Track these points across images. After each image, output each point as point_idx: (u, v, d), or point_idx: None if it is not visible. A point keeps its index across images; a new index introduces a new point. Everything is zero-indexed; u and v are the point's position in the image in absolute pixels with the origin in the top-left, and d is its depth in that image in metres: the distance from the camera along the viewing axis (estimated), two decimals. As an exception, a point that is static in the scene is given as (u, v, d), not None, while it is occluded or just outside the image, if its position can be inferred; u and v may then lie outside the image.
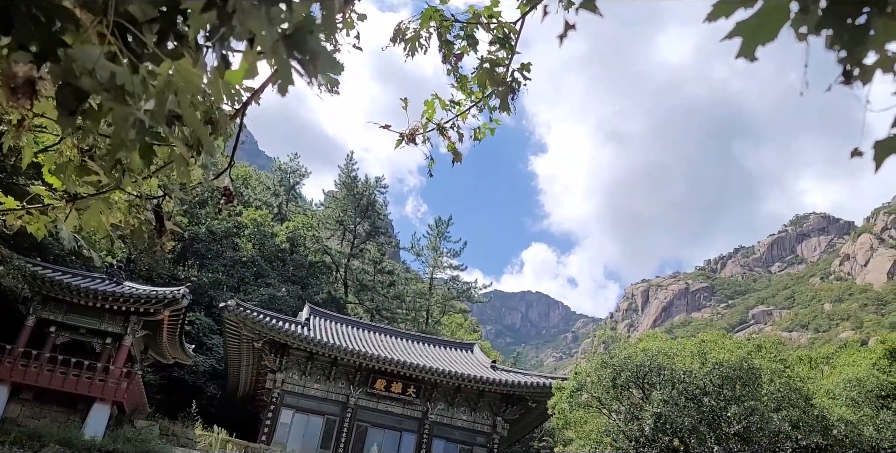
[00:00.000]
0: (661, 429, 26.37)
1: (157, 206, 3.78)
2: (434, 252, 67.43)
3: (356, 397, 34.72)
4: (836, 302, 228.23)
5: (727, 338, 37.00)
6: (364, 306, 61.60)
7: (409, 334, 44.24)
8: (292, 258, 54.86)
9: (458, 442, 35.81)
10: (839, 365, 36.56)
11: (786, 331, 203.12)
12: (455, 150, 4.28)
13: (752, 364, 27.45)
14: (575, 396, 29.71)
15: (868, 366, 32.85)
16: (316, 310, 40.45)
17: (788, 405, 26.76)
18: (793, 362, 36.91)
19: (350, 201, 62.53)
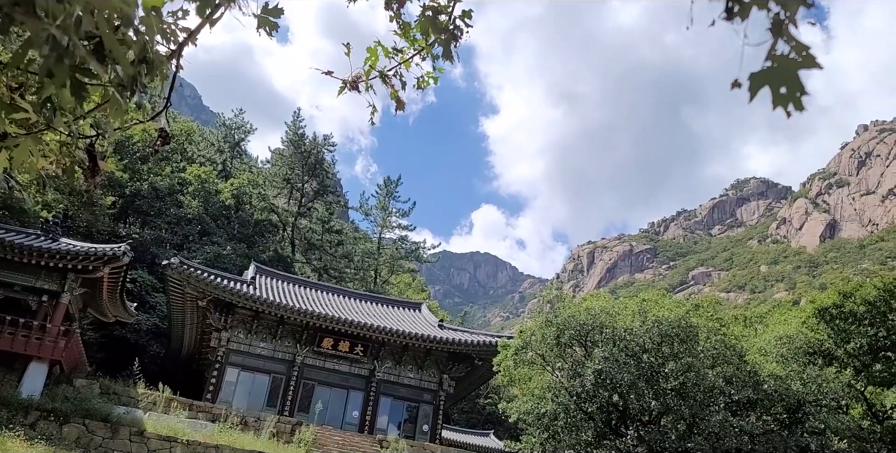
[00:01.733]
0: (601, 385, 27.19)
1: (89, 146, 3.69)
2: (383, 211, 67.15)
3: (303, 356, 34.74)
4: (772, 264, 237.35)
5: (667, 297, 38.11)
6: (312, 265, 61.20)
7: (357, 293, 44.26)
8: (238, 216, 53.89)
9: (405, 399, 36.32)
10: (771, 324, 38.11)
11: (724, 292, 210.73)
12: (398, 99, 4.16)
13: (689, 322, 28.35)
14: (520, 354, 30.31)
15: (798, 325, 34.35)
16: (262, 269, 40.00)
17: (723, 361, 27.86)
18: (728, 321, 38.30)
19: (297, 159, 61.43)
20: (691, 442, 25.95)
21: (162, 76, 3.26)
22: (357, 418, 34.71)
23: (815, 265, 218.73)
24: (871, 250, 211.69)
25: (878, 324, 32.92)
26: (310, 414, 32.77)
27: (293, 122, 63.99)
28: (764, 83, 2.16)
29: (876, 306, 33.36)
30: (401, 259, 67.84)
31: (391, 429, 34.76)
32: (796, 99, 2.15)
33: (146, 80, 3.21)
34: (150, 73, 3.18)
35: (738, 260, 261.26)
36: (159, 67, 3.18)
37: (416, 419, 36.15)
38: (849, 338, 33.28)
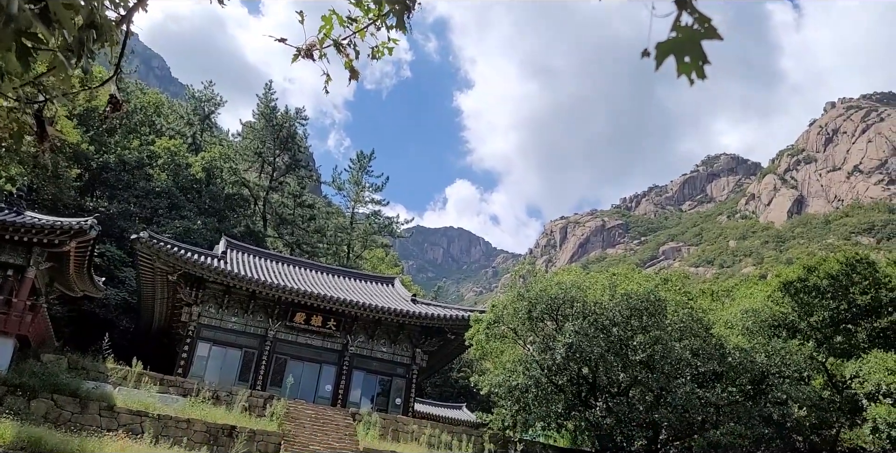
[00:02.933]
0: (572, 358, 27.62)
1: (38, 111, 3.65)
2: (356, 186, 66.77)
3: (275, 330, 34.68)
4: (741, 239, 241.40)
5: (637, 272, 38.67)
6: (284, 240, 60.82)
7: (330, 268, 44.14)
8: (208, 190, 53.17)
9: (378, 373, 36.53)
10: (738, 298, 38.88)
11: (693, 267, 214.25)
12: (352, 68, 4.12)
13: (658, 296, 28.82)
14: (492, 328, 30.61)
15: (763, 298, 35.10)
16: (233, 244, 39.65)
17: (690, 334, 28.42)
18: (696, 295, 39.05)
19: (269, 132, 60.60)
20: (658, 413, 26.55)
21: (112, 42, 3.21)
22: (330, 392, 34.87)
23: (783, 240, 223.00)
24: (836, 225, 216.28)
25: (840, 298, 33.79)
26: (282, 389, 32.84)
27: (265, 95, 63.01)
28: (669, 52, 2.26)
29: (838, 280, 34.20)
30: (374, 234, 67.70)
31: (364, 403, 35.01)
32: (699, 67, 2.26)
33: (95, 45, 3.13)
34: (98, 39, 3.12)
35: (708, 235, 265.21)
36: (108, 33, 3.11)
37: (389, 392, 36.43)
38: (812, 311, 34.13)
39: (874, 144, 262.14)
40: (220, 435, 23.49)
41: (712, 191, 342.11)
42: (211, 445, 22.42)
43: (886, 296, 33.09)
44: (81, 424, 21.13)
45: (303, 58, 3.95)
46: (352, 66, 4.09)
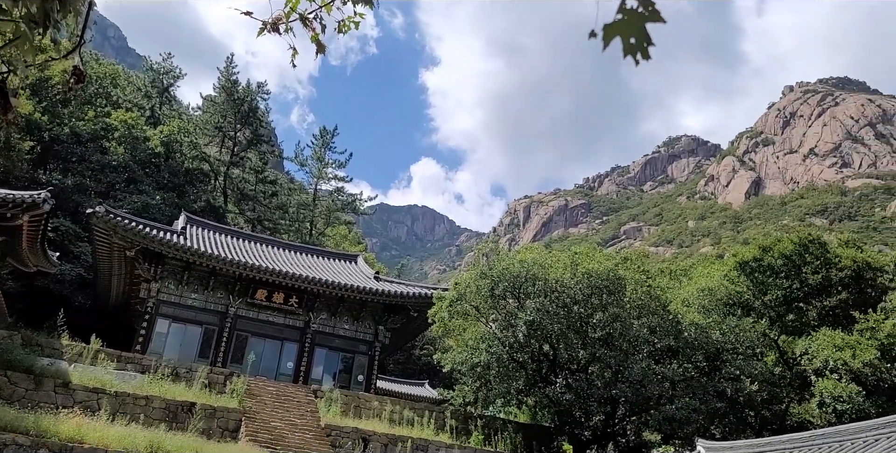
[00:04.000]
0: (533, 335, 27.97)
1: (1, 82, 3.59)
2: (319, 162, 65.99)
3: (236, 307, 34.36)
4: (700, 219, 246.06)
5: (598, 250, 39.19)
6: (245, 216, 60.02)
7: (292, 245, 43.77)
8: (167, 164, 52.07)
9: (341, 350, 36.53)
10: (695, 277, 39.66)
11: (653, 246, 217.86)
12: (318, 42, 4.06)
13: (618, 274, 29.26)
14: (455, 306, 30.77)
15: (720, 277, 35.87)
16: (193, 219, 39.00)
17: (648, 312, 28.98)
18: (655, 274, 39.79)
19: (230, 106, 59.34)
20: (616, 389, 27.11)
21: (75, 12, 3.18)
22: (291, 369, 34.79)
23: (740, 221, 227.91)
24: (792, 207, 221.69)
25: (793, 277, 34.71)
26: (243, 366, 32.65)
27: (226, 68, 61.58)
28: (616, 34, 2.37)
29: (792, 260, 35.10)
30: (337, 211, 67.20)
31: (326, 380, 35.03)
32: (643, 48, 2.37)
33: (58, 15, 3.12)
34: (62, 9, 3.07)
35: (668, 215, 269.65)
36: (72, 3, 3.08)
37: (352, 370, 36.49)
38: (766, 290, 35.02)
39: (829, 128, 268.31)
40: (180, 411, 23.32)
41: (673, 172, 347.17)
42: (170, 422, 22.24)
43: (836, 275, 34.08)
44: (36, 401, 20.74)
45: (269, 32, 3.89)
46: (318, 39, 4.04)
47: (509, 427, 30.83)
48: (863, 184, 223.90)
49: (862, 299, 33.30)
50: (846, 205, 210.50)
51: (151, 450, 17.85)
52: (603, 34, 2.37)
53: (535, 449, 29.55)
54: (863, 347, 28.44)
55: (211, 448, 19.37)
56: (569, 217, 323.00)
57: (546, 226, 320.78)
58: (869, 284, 34.13)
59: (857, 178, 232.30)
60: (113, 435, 17.95)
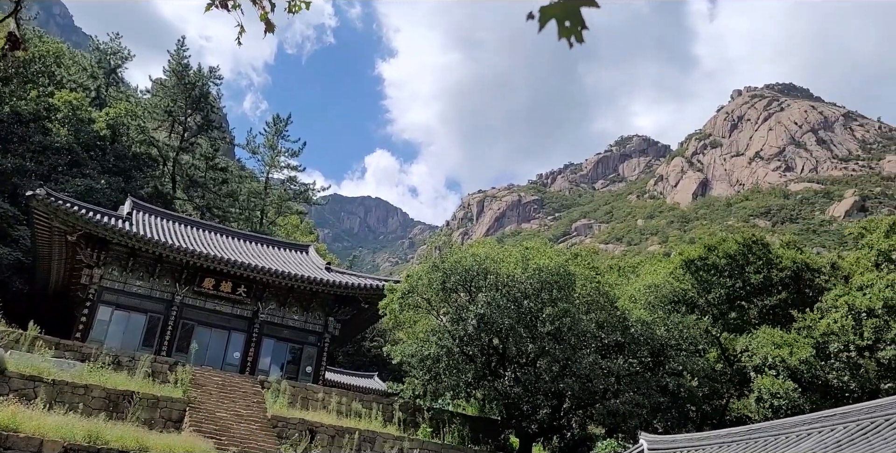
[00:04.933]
0: (483, 329, 28.11)
1: None
2: (271, 150, 64.87)
3: (182, 295, 33.61)
4: (648, 218, 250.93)
5: (549, 246, 39.59)
6: (194, 203, 58.73)
7: (242, 233, 43.03)
8: (113, 148, 50.53)
9: (289, 340, 36.10)
10: (643, 274, 40.42)
11: (603, 243, 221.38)
12: (268, 21, 3.96)
13: (568, 270, 29.59)
14: (406, 298, 30.69)
15: (666, 275, 36.62)
16: (139, 205, 37.96)
17: (597, 308, 29.42)
18: (604, 270, 40.40)
19: (180, 90, 57.83)
20: (563, 382, 27.47)
21: None
22: (238, 359, 34.24)
23: (687, 220, 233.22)
24: (737, 208, 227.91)
25: (736, 276, 35.70)
26: (189, 355, 31.96)
27: (177, 51, 59.94)
28: (552, 16, 2.43)
29: (735, 260, 36.08)
30: (289, 200, 66.28)
31: (273, 371, 34.57)
32: (577, 32, 2.45)
33: None
34: None
35: (618, 213, 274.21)
36: None
37: (300, 361, 36.11)
38: (710, 288, 35.93)
39: (774, 132, 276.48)
40: (121, 401, 22.73)
41: (624, 171, 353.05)
42: (110, 412, 21.66)
43: (777, 275, 35.17)
44: (-33, 390, 19.95)
45: (217, 7, 3.76)
46: (267, 18, 3.93)
47: (457, 419, 30.97)
48: (804, 188, 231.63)
49: (800, 299, 34.45)
50: (788, 207, 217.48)
51: (90, 440, 17.36)
52: (539, 16, 2.43)
53: (482, 442, 29.78)
54: (799, 345, 29.45)
55: (153, 438, 18.92)
56: (522, 212, 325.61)
57: (499, 220, 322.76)
58: (807, 285, 35.34)
59: (799, 182, 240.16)
60: (50, 425, 17.39)
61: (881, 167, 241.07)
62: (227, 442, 21.74)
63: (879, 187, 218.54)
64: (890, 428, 12.02)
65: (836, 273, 35.86)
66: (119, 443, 17.82)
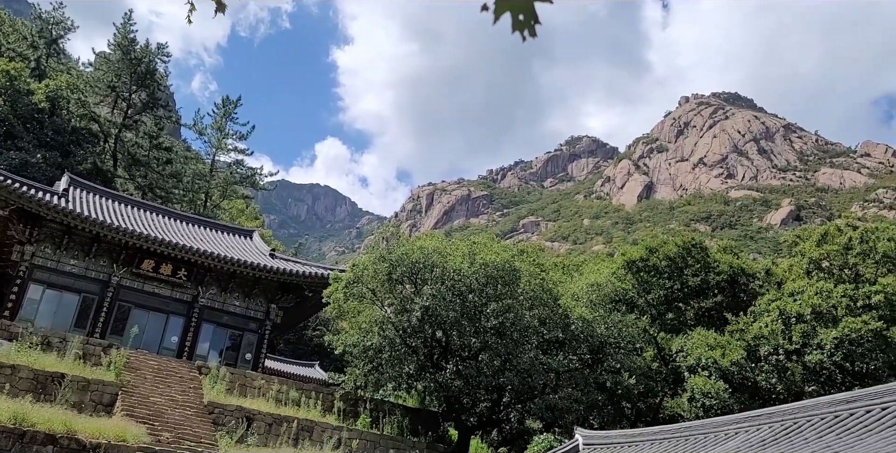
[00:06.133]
0: (427, 321, 28.13)
1: None
2: (219, 132, 63.34)
3: (119, 276, 32.63)
4: (594, 218, 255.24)
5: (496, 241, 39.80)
6: (135, 182, 57.02)
7: (185, 216, 41.99)
8: (52, 121, 48.61)
9: (230, 326, 35.45)
10: (586, 273, 41.08)
11: (549, 241, 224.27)
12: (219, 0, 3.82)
13: (514, 266, 29.81)
14: (351, 288, 30.46)
15: (608, 274, 37.31)
16: (77, 181, 36.64)
17: (540, 304, 29.75)
18: (549, 267, 40.88)
19: (125, 65, 55.89)
20: (504, 377, 27.74)
21: None
22: (176, 343, 33.46)
23: (631, 222, 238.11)
24: (679, 212, 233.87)
25: (675, 278, 36.62)
26: (124, 338, 31.04)
27: (123, 25, 57.87)
28: (506, 9, 2.46)
29: (675, 262, 37.00)
30: (235, 184, 64.91)
31: (212, 356, 33.92)
32: (531, 26, 2.48)
33: None
34: None
35: (565, 212, 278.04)
36: None
37: (240, 347, 35.52)
38: (650, 288, 36.78)
39: (718, 140, 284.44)
40: (49, 383, 21.96)
41: (573, 170, 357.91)
42: (38, 393, 20.90)
43: (714, 279, 36.22)
44: None
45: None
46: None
47: (398, 411, 30.98)
48: (744, 195, 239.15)
49: (735, 302, 35.56)
50: (728, 214, 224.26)
51: (15, 422, 16.72)
52: (494, 8, 2.46)
53: (421, 434, 29.86)
54: (732, 347, 30.42)
55: (82, 422, 18.34)
56: (471, 207, 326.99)
57: (448, 214, 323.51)
58: (742, 289, 36.50)
59: (739, 189, 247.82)
60: (-29, 406, 16.68)
61: (816, 178, 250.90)
62: (161, 427, 21.24)
63: (814, 198, 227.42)
64: (811, 429, 12.52)
65: (769, 279, 37.13)
66: (46, 426, 17.22)
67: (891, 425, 10.37)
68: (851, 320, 28.21)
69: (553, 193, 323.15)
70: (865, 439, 10.17)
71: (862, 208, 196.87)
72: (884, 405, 11.28)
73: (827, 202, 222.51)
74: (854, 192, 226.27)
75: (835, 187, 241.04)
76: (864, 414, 11.48)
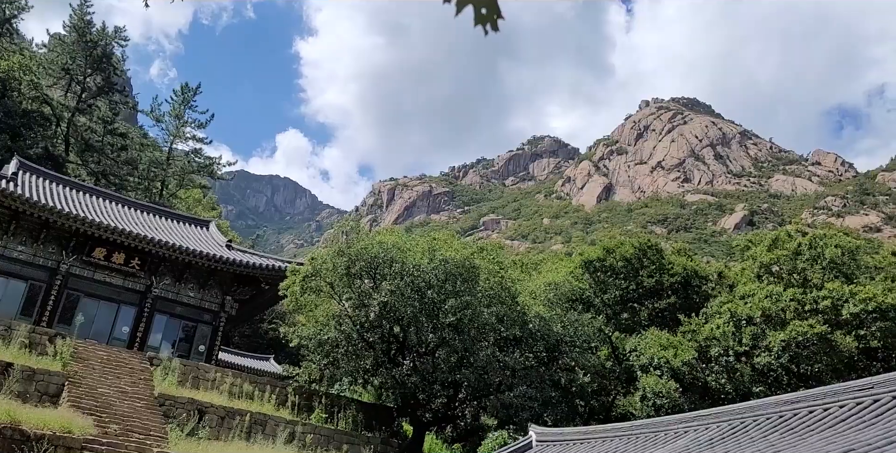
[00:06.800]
0: (385, 316, 28.07)
1: None
2: (177, 120, 62.02)
3: (69, 264, 31.75)
4: (554, 218, 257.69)
5: (456, 238, 39.91)
6: (88, 168, 55.53)
7: (139, 204, 41.08)
8: (2, 103, 47.03)
9: (183, 318, 34.81)
10: (544, 271, 41.44)
11: (509, 239, 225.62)
12: None
13: (473, 263, 29.92)
14: (309, 281, 30.21)
15: (566, 274, 37.71)
16: (27, 165, 35.53)
17: (498, 301, 29.91)
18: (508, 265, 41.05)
19: (81, 48, 54.33)
20: (460, 374, 27.83)
21: None
22: (127, 334, 32.73)
23: (590, 223, 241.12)
24: (637, 214, 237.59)
25: (631, 279, 37.22)
26: (72, 327, 30.20)
27: (80, 6, 56.29)
28: (468, 2, 2.48)
29: (631, 263, 37.60)
30: (192, 173, 63.67)
31: (164, 348, 33.27)
32: (493, 20, 2.50)
33: None
34: None
35: (526, 211, 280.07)
36: None
37: (193, 339, 34.91)
38: (606, 288, 37.32)
39: (676, 144, 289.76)
40: (-8, 373, 21.27)
41: (534, 170, 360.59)
42: (-21, 384, 20.23)
43: (668, 280, 36.92)
44: None
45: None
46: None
47: (353, 406, 30.83)
48: (700, 200, 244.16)
49: (688, 304, 36.30)
50: (683, 217, 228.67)
51: (-46, 414, 16.17)
52: (456, 1, 2.47)
53: (376, 429, 29.78)
54: (684, 348, 31.06)
55: (26, 412, 17.81)
56: (432, 203, 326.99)
57: (409, 210, 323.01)
58: (695, 291, 37.28)
59: (695, 194, 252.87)
60: None
61: (769, 185, 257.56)
62: (108, 419, 20.75)
63: (767, 203, 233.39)
64: (756, 428, 12.85)
65: (722, 281, 38.00)
66: (-13, 417, 16.69)
67: (831, 425, 10.71)
68: (798, 324, 29.05)
69: (514, 192, 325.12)
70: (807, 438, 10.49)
71: (812, 215, 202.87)
72: (825, 406, 11.64)
73: (779, 208, 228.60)
74: (805, 199, 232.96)
75: (787, 194, 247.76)
76: (806, 414, 11.83)
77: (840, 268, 32.90)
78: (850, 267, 33.38)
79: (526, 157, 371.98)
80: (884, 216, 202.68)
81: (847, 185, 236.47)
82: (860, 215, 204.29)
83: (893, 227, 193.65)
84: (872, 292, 29.68)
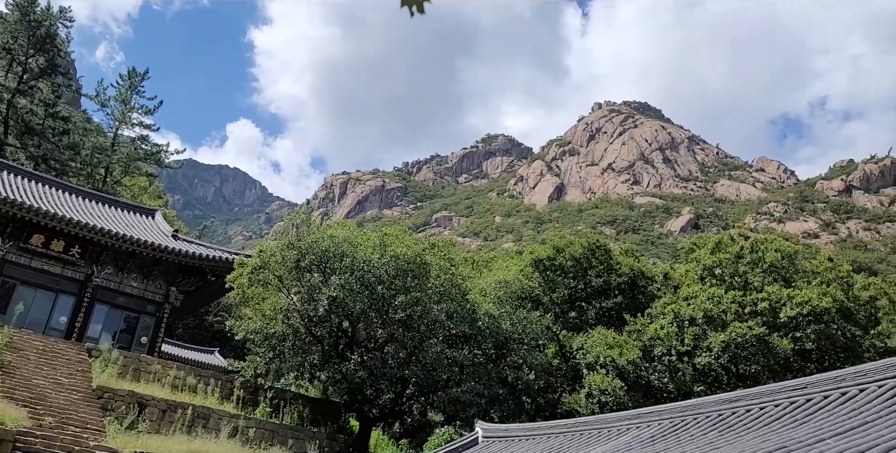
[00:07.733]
0: (334, 311, 27.83)
1: None
2: (123, 105, 60.11)
3: (5, 251, 30.53)
4: (506, 216, 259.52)
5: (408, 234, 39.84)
6: (28, 152, 53.47)
7: (82, 190, 39.76)
8: (-62, 80, 44.93)
9: (125, 308, 33.88)
10: (495, 269, 41.74)
11: (461, 237, 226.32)
12: None
13: (424, 260, 29.90)
14: (257, 273, 29.75)
15: (516, 272, 38.05)
16: (-36, 147, 34.04)
17: (448, 298, 29.96)
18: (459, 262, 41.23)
19: (23, 27, 52.23)
20: (409, 370, 27.80)
21: None
22: (65, 324, 31.68)
23: (541, 222, 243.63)
24: (587, 214, 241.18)
25: (579, 278, 37.77)
26: (7, 316, 29.10)
27: (26, -17, 54.10)
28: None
29: (580, 263, 38.15)
30: (138, 160, 61.85)
31: (105, 339, 32.30)
32: (420, 3, 2.58)
33: None
34: None
35: (478, 209, 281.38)
36: None
37: (135, 330, 34.00)
38: (555, 287, 37.77)
39: (627, 147, 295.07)
40: (-82, 363, 20.33)
41: (487, 168, 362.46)
42: None
43: (615, 280, 37.59)
44: None
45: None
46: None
47: (299, 400, 30.50)
48: (648, 202, 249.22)
49: (634, 304, 37.04)
50: (632, 218, 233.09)
51: None
52: None
53: (322, 424, 29.53)
54: (629, 347, 31.68)
55: (-47, 406, 17.09)
56: (384, 198, 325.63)
57: (361, 204, 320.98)
58: (641, 291, 38.05)
59: (644, 196, 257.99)
60: None
61: (715, 189, 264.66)
62: (43, 411, 20.07)
63: (712, 207, 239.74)
64: (696, 425, 13.18)
65: (667, 282, 38.87)
66: (-89, 410, 15.93)
67: (767, 424, 11.06)
68: (738, 325, 29.93)
69: (467, 189, 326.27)
70: (744, 436, 10.80)
71: (754, 220, 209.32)
72: (761, 405, 12.01)
73: (723, 212, 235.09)
74: (748, 204, 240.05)
75: (731, 198, 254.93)
76: (744, 412, 12.18)
77: (779, 271, 34.02)
78: (788, 271, 34.55)
79: (480, 155, 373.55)
80: (821, 223, 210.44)
81: (788, 192, 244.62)
82: (800, 221, 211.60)
83: (830, 234, 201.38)
84: (808, 296, 30.78)
